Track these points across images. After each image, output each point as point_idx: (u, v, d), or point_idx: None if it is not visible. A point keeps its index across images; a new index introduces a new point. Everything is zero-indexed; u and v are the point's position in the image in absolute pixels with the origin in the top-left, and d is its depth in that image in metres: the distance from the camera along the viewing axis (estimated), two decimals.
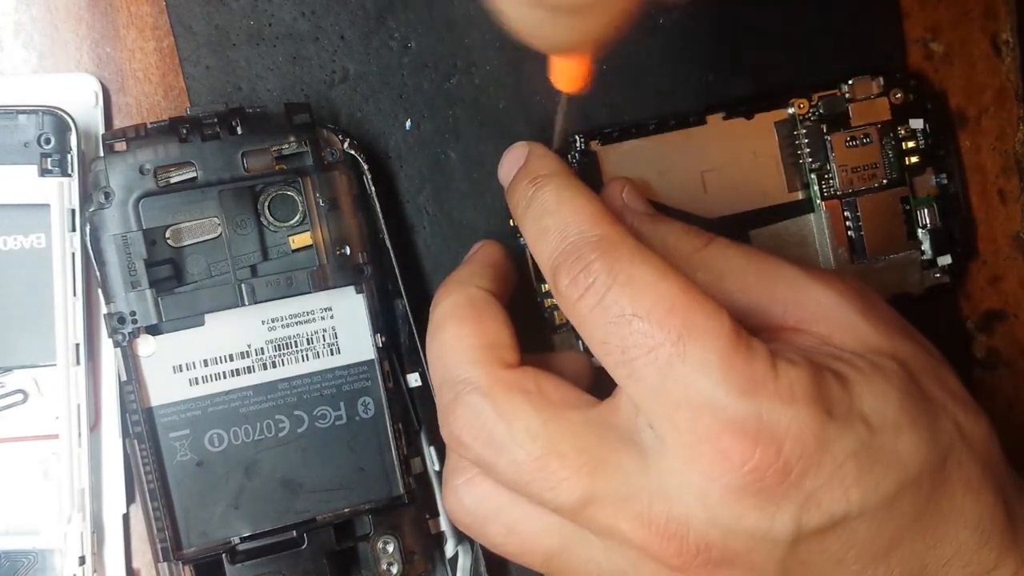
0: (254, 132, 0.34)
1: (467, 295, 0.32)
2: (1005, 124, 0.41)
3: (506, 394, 0.29)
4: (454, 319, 0.31)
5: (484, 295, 0.32)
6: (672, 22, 0.39)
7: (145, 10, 0.37)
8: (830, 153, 0.39)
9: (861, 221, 0.39)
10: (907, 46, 0.41)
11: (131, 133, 0.34)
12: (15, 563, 0.34)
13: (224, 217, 0.35)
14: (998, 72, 0.41)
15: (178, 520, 0.34)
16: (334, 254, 0.35)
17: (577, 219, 0.29)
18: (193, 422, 0.35)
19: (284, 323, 0.35)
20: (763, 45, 0.40)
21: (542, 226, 0.29)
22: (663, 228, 0.33)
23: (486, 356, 0.30)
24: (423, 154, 0.38)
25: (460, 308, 0.31)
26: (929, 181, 0.40)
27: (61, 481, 0.34)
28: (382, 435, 0.36)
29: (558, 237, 0.29)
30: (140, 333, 0.34)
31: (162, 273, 0.34)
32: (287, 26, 0.37)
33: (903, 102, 0.39)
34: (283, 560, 0.34)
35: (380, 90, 0.38)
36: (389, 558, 0.35)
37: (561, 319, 0.38)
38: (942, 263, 0.40)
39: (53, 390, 0.34)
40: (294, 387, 0.35)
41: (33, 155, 0.34)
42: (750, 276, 0.31)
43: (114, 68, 0.37)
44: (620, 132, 0.38)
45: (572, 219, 0.29)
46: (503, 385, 0.29)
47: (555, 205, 0.29)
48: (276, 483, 0.35)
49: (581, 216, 0.29)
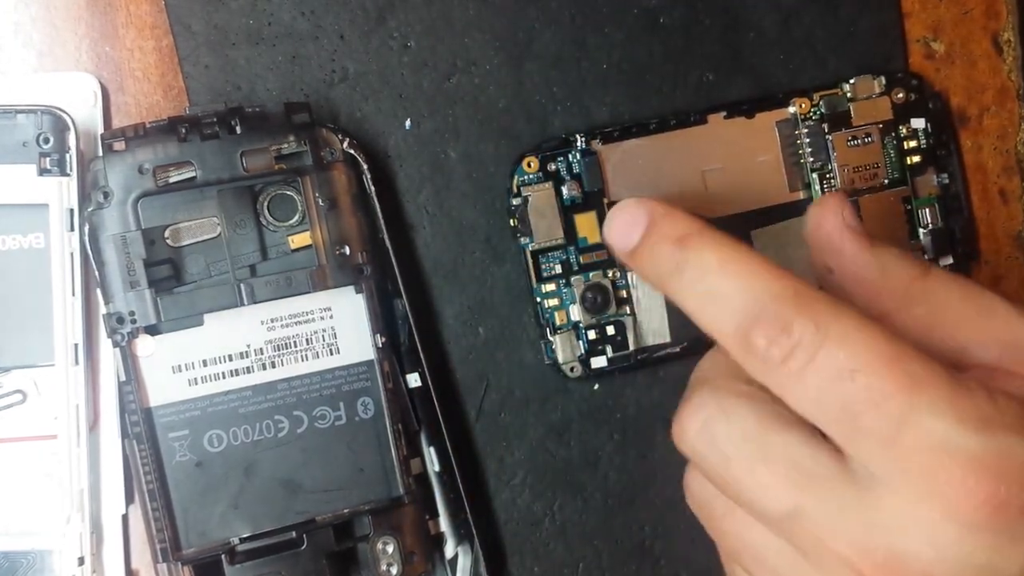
0: (253, 131, 0.34)
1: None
2: (1006, 123, 0.41)
3: (734, 397, 0.28)
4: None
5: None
6: (672, 22, 0.39)
7: (144, 9, 0.37)
8: (831, 153, 0.39)
9: (862, 221, 0.39)
10: (908, 45, 0.41)
11: (130, 132, 0.34)
12: (14, 563, 0.34)
13: (223, 217, 0.35)
14: (999, 71, 0.41)
15: (177, 520, 0.34)
16: (334, 254, 0.35)
17: (757, 277, 0.27)
18: (192, 422, 0.35)
19: (283, 323, 0.35)
20: (764, 44, 0.40)
21: (710, 290, 0.28)
22: (883, 253, 0.31)
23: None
24: (423, 154, 0.38)
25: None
26: (930, 181, 0.40)
27: (60, 481, 0.34)
28: (382, 435, 0.36)
29: (742, 298, 0.27)
30: (139, 333, 0.34)
31: (161, 273, 0.34)
32: (286, 25, 0.37)
33: (904, 101, 0.39)
34: (282, 561, 0.34)
35: (380, 89, 0.38)
36: (389, 559, 0.35)
37: (562, 320, 0.38)
38: (943, 263, 0.40)
39: (52, 390, 0.34)
40: (293, 387, 0.35)
41: (32, 154, 0.34)
42: (968, 311, 0.30)
43: (113, 67, 0.37)
44: (621, 131, 0.38)
45: (750, 278, 0.27)
46: (736, 389, 0.29)
47: (719, 265, 0.28)
48: (275, 483, 0.35)
49: (759, 273, 0.27)
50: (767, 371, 0.27)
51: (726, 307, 0.28)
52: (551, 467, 0.39)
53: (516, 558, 0.39)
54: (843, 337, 0.26)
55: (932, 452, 0.25)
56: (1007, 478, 0.25)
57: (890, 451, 0.26)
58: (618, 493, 0.39)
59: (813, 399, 0.26)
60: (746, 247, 0.28)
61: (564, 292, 0.38)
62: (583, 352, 0.38)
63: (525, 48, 0.39)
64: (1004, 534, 0.25)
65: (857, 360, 0.26)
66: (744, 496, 0.28)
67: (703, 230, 0.29)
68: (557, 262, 0.38)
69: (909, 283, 0.30)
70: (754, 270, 0.28)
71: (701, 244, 0.29)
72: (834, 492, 0.27)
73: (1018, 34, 0.41)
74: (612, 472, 0.39)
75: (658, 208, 0.30)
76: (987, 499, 0.25)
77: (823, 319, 0.26)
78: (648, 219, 0.30)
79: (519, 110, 0.38)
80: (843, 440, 0.27)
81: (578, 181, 0.38)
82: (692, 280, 0.29)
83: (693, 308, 0.29)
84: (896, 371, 0.26)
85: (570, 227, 0.38)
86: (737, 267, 0.28)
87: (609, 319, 0.38)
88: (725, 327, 0.28)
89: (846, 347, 0.26)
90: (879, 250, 0.31)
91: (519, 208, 0.37)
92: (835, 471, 0.27)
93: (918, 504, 0.26)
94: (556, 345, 0.38)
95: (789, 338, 0.26)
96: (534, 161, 0.37)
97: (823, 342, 0.26)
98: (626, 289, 0.38)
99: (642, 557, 0.39)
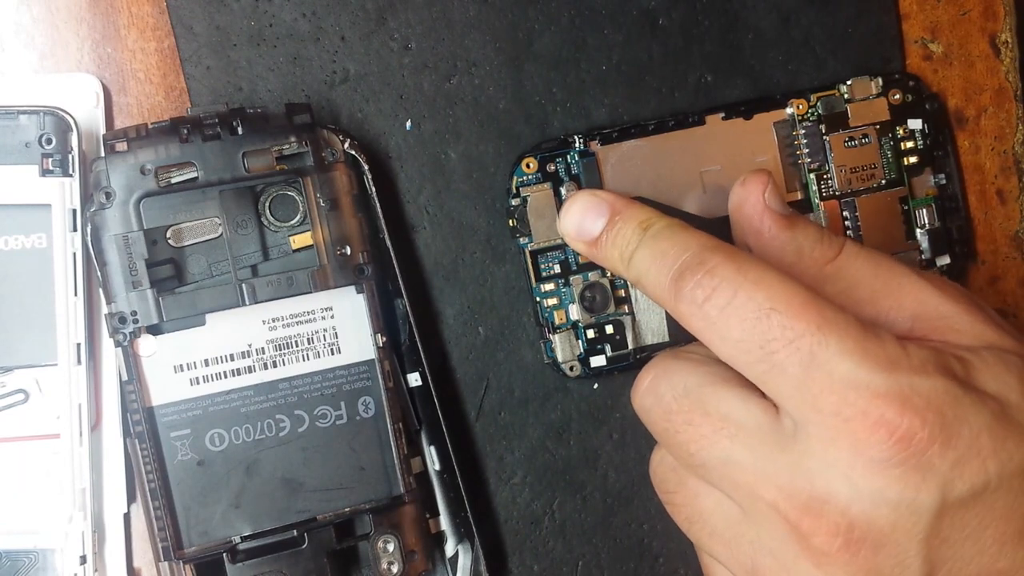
0: (255, 132, 0.34)
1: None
2: (1004, 124, 0.41)
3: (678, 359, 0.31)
4: None
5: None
6: (671, 23, 0.39)
7: (146, 11, 0.37)
8: (829, 153, 0.39)
9: (860, 221, 0.39)
10: (906, 46, 0.41)
11: (132, 133, 0.34)
12: (16, 562, 0.34)
13: (225, 217, 0.35)
14: (997, 72, 0.41)
15: (179, 519, 0.34)
16: (335, 254, 0.35)
17: (695, 237, 0.30)
18: (194, 421, 0.35)
19: (285, 323, 0.35)
20: (762, 45, 0.40)
21: (659, 251, 0.31)
22: (800, 233, 0.33)
23: None
24: (423, 154, 0.38)
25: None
26: (928, 181, 0.40)
27: (62, 480, 0.34)
28: (382, 435, 0.36)
29: (676, 253, 0.30)
30: (141, 333, 0.34)
31: (163, 273, 0.34)
32: (287, 27, 0.37)
33: (902, 102, 0.39)
34: (284, 559, 0.34)
35: (380, 90, 0.38)
36: (389, 557, 0.36)
37: (561, 319, 0.38)
38: (941, 263, 0.40)
39: (54, 390, 0.34)
40: (295, 387, 0.36)
41: (34, 155, 0.34)
42: (879, 285, 0.31)
43: (115, 68, 0.37)
44: (619, 132, 0.38)
45: (690, 238, 0.30)
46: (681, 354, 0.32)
47: (669, 232, 0.31)
48: (277, 482, 0.35)
49: (697, 235, 0.30)
50: (693, 313, 0.29)
51: (664, 264, 0.30)
52: (551, 466, 0.39)
53: (516, 556, 0.39)
54: (760, 279, 0.28)
55: (840, 390, 0.27)
56: (912, 413, 0.26)
57: (803, 391, 0.27)
58: (617, 492, 0.39)
59: (735, 339, 0.28)
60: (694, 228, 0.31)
61: (563, 292, 0.38)
62: (582, 351, 0.38)
63: (525, 49, 0.39)
64: (914, 468, 0.27)
65: (773, 300, 0.28)
66: (683, 449, 0.30)
67: (660, 215, 0.32)
68: (556, 262, 0.38)
69: (823, 264, 0.32)
70: (696, 234, 0.30)
71: (657, 223, 0.31)
72: (763, 441, 0.28)
73: (1016, 35, 0.41)
74: (611, 471, 0.39)
75: (618, 199, 0.33)
76: (892, 433, 0.26)
77: (744, 264, 0.28)
78: (610, 209, 0.33)
79: (519, 111, 0.39)
80: (763, 382, 0.28)
81: (577, 182, 0.38)
82: (646, 249, 0.31)
83: (640, 273, 0.31)
84: (810, 311, 0.27)
85: None
86: (683, 233, 0.30)
87: (608, 318, 0.38)
88: (661, 281, 0.30)
89: (763, 288, 0.28)
90: (796, 231, 0.33)
91: (518, 208, 0.38)
92: (764, 421, 0.29)
93: (832, 444, 0.27)
94: (555, 344, 0.38)
95: (712, 279, 0.28)
96: (533, 162, 0.38)
97: (742, 282, 0.28)
98: (625, 288, 0.38)
99: (641, 555, 0.40)
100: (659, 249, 0.31)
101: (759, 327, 0.28)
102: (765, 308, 0.28)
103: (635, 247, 0.31)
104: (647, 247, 0.31)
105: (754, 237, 0.33)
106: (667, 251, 0.30)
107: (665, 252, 0.30)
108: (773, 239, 0.33)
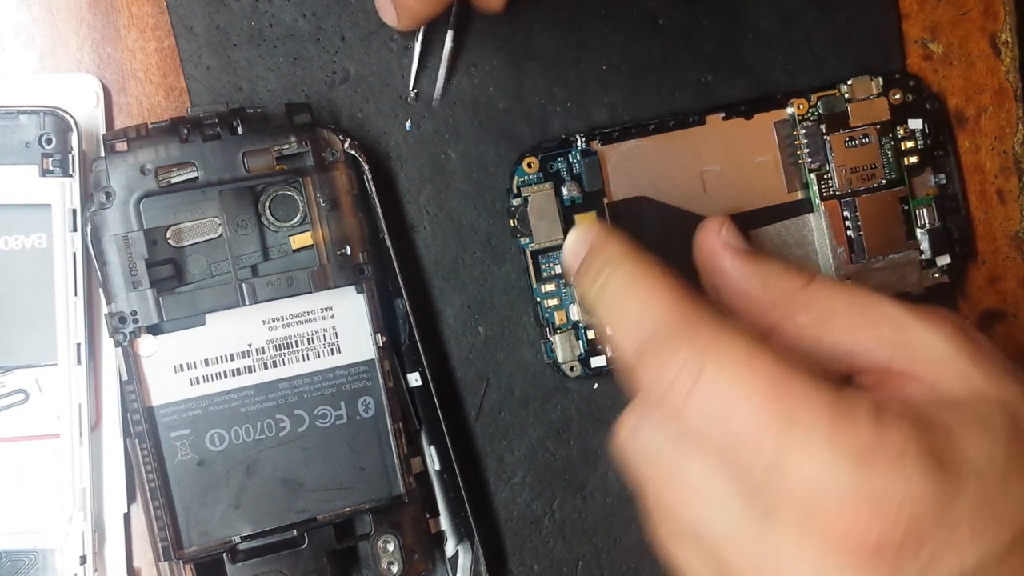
0: (255, 132, 0.34)
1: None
2: (1004, 124, 0.41)
3: (658, 411, 0.29)
4: None
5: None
6: (672, 23, 0.39)
7: (146, 11, 0.37)
8: (829, 153, 0.39)
9: (860, 221, 0.39)
10: (906, 46, 0.41)
11: (132, 133, 0.34)
12: (16, 562, 0.34)
13: (225, 217, 0.35)
14: (997, 72, 0.41)
15: (179, 519, 0.34)
16: (335, 254, 0.35)
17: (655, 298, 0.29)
18: (194, 421, 0.35)
19: (285, 323, 0.35)
20: (763, 45, 0.40)
21: (621, 309, 0.29)
22: (763, 267, 0.32)
23: None
24: (423, 154, 0.38)
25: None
26: (928, 181, 0.40)
27: (62, 480, 0.34)
28: (382, 434, 0.36)
29: (638, 319, 0.29)
30: (141, 333, 0.34)
31: (163, 273, 0.34)
32: (288, 27, 0.37)
33: (902, 102, 0.39)
34: (284, 559, 0.34)
35: (380, 90, 0.38)
36: (389, 557, 0.36)
37: (562, 320, 0.38)
38: (941, 263, 0.40)
39: (54, 390, 0.34)
40: (295, 387, 0.36)
41: (34, 155, 0.34)
42: (854, 315, 0.30)
43: (115, 68, 0.37)
44: (620, 132, 0.38)
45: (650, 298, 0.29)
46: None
47: (629, 282, 0.30)
48: (277, 482, 0.35)
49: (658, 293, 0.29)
50: (661, 397, 0.28)
51: (628, 327, 0.29)
52: (551, 466, 0.39)
53: (516, 556, 0.39)
54: (721, 364, 0.27)
55: (808, 489, 0.25)
56: (882, 518, 0.25)
57: (772, 487, 0.26)
58: (617, 491, 0.39)
59: (701, 428, 0.27)
60: (661, 268, 0.29)
61: (564, 292, 0.38)
62: (582, 352, 0.38)
63: (525, 48, 0.39)
64: (883, 568, 0.25)
65: (735, 389, 0.26)
66: (662, 504, 0.29)
67: (627, 254, 0.30)
68: (557, 262, 0.38)
69: (792, 294, 0.31)
70: (656, 290, 0.29)
71: (621, 265, 0.30)
72: (735, 516, 0.27)
73: (1016, 35, 0.41)
74: (611, 471, 0.39)
75: (599, 235, 0.32)
76: (863, 538, 0.25)
77: (706, 344, 0.27)
78: (588, 245, 0.32)
79: (519, 110, 0.39)
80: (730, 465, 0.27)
81: (578, 181, 0.38)
82: (607, 310, 0.30)
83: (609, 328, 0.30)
84: (772, 404, 0.26)
85: (570, 227, 0.38)
86: (642, 285, 0.29)
87: None
88: (628, 349, 0.29)
89: (725, 375, 0.26)
90: (759, 266, 0.32)
91: (519, 208, 0.38)
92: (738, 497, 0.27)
93: (802, 537, 0.26)
94: (556, 345, 0.38)
95: (672, 365, 0.27)
96: (534, 161, 0.38)
97: (703, 369, 0.27)
98: None
99: (641, 555, 0.39)
100: (622, 307, 0.29)
101: (722, 423, 0.26)
102: (727, 400, 0.26)
103: (596, 296, 0.31)
104: (609, 301, 0.30)
105: (718, 276, 0.32)
106: (629, 313, 0.29)
107: (628, 313, 0.29)
108: (735, 273, 0.32)
